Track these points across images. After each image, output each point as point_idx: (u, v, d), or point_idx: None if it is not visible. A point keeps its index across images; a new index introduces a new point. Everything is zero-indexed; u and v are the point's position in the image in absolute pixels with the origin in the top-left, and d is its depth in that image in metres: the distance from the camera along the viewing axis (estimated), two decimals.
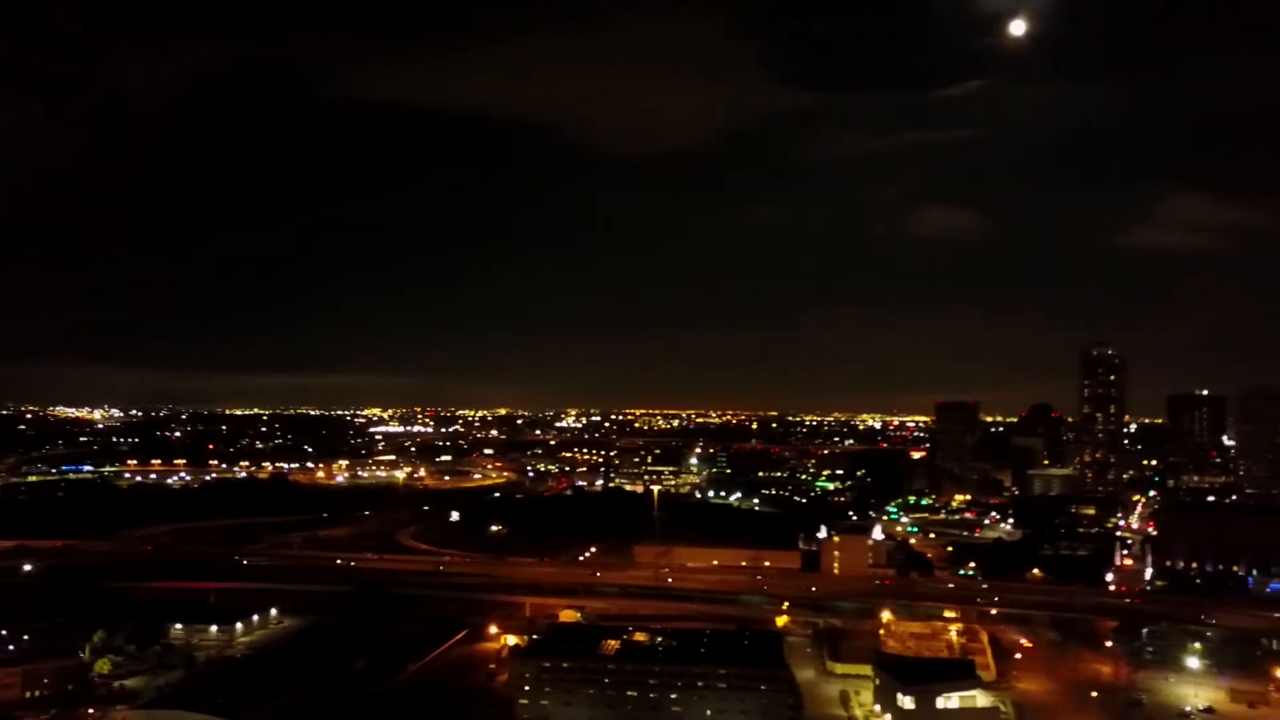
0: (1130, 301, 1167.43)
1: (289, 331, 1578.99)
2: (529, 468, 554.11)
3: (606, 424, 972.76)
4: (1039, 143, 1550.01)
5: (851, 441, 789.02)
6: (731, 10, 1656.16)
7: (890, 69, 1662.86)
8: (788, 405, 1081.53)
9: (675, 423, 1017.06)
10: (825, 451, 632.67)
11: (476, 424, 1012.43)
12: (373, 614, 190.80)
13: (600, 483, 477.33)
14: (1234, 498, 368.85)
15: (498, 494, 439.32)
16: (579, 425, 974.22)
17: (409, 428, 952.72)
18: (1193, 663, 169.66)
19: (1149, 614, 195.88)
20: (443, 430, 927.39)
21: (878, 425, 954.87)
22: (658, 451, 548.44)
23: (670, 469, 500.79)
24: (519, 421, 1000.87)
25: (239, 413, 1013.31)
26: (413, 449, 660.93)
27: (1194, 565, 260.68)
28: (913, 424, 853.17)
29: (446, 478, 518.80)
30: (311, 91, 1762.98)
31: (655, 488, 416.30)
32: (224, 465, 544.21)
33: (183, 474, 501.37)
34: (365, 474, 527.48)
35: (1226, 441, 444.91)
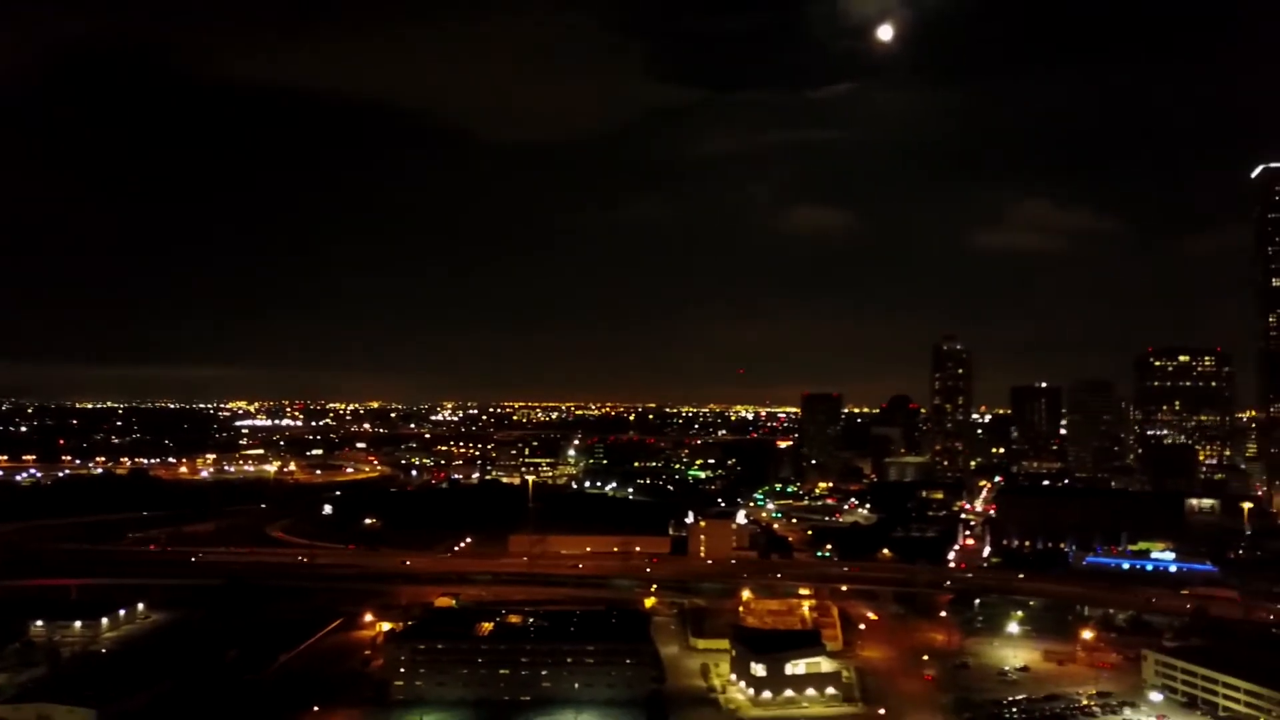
0: (983, 298, 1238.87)
1: (141, 322, 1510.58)
2: (403, 461, 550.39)
3: (484, 417, 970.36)
4: (903, 145, 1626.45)
5: (725, 432, 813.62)
6: (611, 5, 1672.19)
7: (765, 69, 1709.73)
8: (666, 397, 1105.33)
9: (555, 415, 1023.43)
10: (699, 442, 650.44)
11: (348, 417, 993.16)
12: (244, 607, 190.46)
13: (477, 475, 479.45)
14: (1065, 481, 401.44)
15: (371, 488, 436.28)
16: (455, 419, 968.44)
17: (277, 421, 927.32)
18: (1013, 629, 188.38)
19: (979, 587, 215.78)
20: (313, 424, 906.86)
21: (751, 416, 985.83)
22: (535, 444, 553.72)
23: (548, 461, 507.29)
24: (393, 415, 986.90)
25: (90, 406, 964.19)
26: (282, 443, 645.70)
27: (1027, 543, 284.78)
28: (784, 415, 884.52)
29: (318, 472, 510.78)
30: (184, 73, 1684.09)
31: (531, 478, 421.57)
32: (78, 461, 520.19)
33: (33, 470, 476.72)
34: (232, 469, 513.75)
35: (1064, 430, 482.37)
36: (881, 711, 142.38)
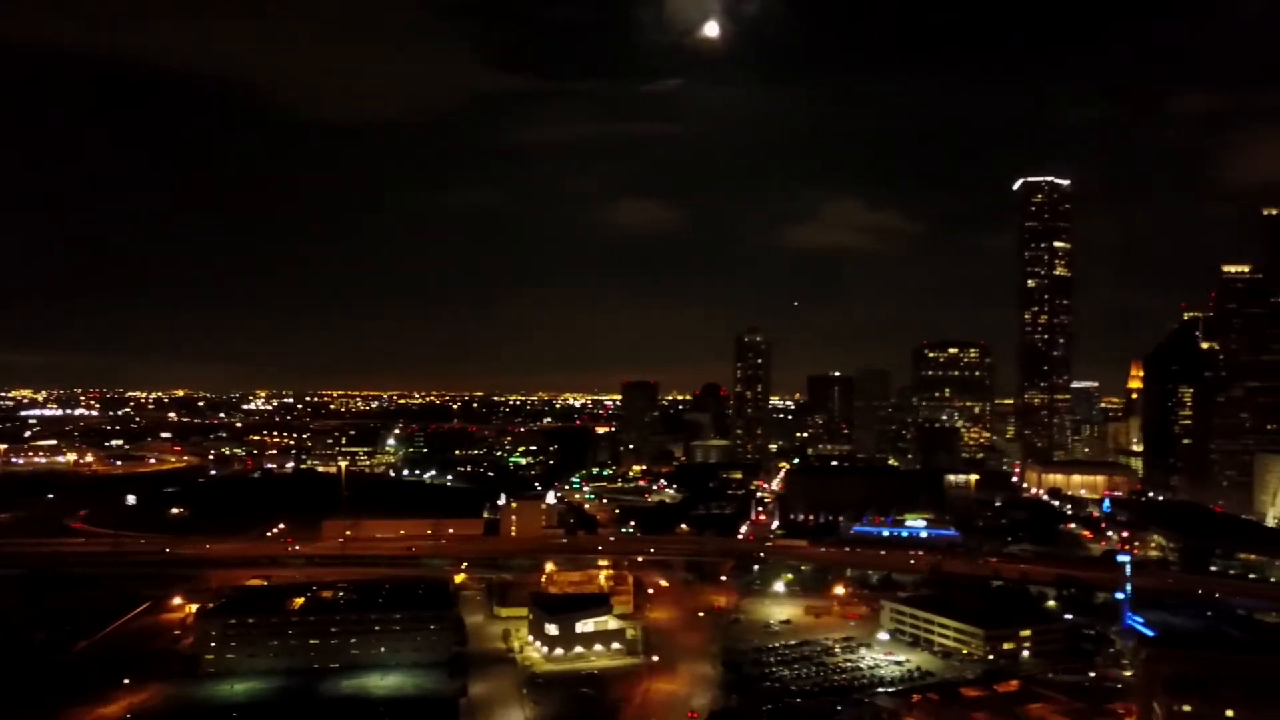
0: (796, 291, 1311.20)
1: None
2: (213, 452, 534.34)
3: (300, 406, 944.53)
4: (728, 142, 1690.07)
5: (550, 420, 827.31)
6: None
7: (595, 60, 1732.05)
8: (494, 386, 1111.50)
9: (375, 404, 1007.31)
10: (523, 430, 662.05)
11: (151, 406, 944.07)
12: (48, 594, 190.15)
13: (291, 465, 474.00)
14: (848, 462, 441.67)
15: (178, 478, 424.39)
16: (269, 408, 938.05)
17: (70, 410, 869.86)
18: (780, 588, 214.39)
19: (757, 555, 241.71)
20: (111, 413, 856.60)
21: (578, 404, 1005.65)
22: (353, 433, 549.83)
23: (366, 450, 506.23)
24: (201, 404, 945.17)
25: None
26: (76, 433, 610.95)
27: (811, 516, 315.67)
28: (610, 402, 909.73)
29: (118, 463, 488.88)
30: None
31: (343, 463, 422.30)
32: None
33: None
34: (20, 460, 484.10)
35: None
36: (655, 659, 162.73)
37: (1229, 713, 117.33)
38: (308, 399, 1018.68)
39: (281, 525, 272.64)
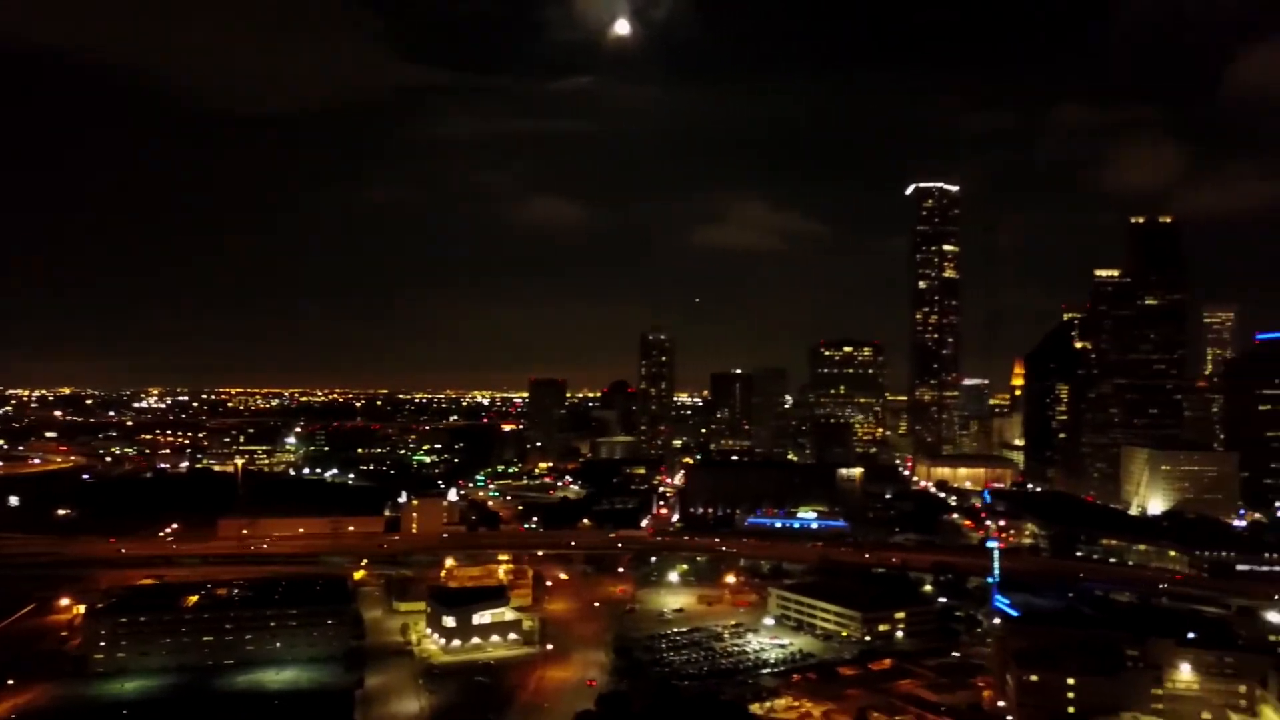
0: (703, 290, 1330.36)
1: None
2: (102, 451, 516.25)
3: (196, 404, 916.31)
4: (639, 141, 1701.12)
5: (456, 418, 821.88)
6: None
7: (510, 56, 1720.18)
8: (400, 384, 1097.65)
9: (275, 402, 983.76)
10: (428, 428, 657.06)
11: (33, 404, 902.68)
12: None
13: (186, 464, 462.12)
14: (748, 458, 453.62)
15: (65, 478, 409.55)
16: (163, 406, 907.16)
17: None
18: (674, 578, 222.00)
19: (655, 547, 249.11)
20: None
21: (486, 401, 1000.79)
22: (251, 431, 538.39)
23: (265, 448, 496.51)
24: (89, 402, 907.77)
25: None
26: None
27: (710, 510, 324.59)
28: (519, 400, 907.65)
29: None
30: None
31: (240, 461, 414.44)
32: None
33: None
34: None
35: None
36: (549, 647, 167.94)
37: (1070, 680, 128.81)
38: (204, 397, 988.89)
39: (175, 525, 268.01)
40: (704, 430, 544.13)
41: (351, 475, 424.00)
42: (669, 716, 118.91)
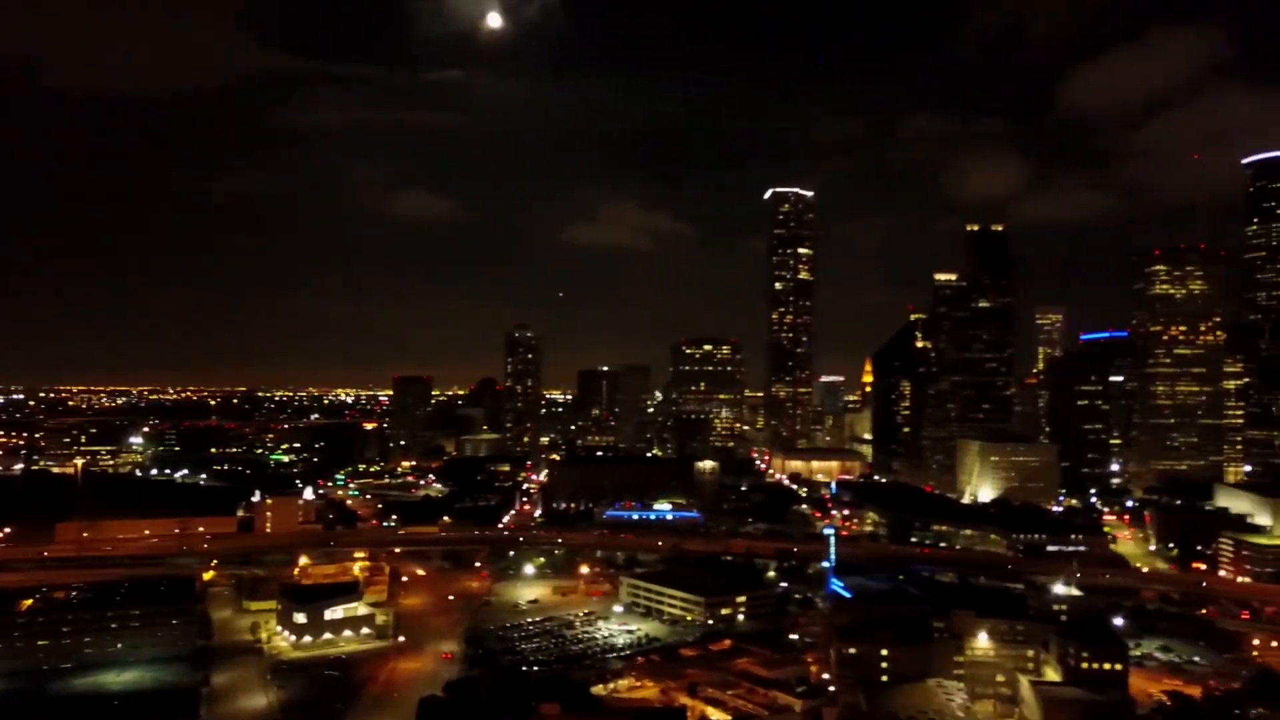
0: (573, 287, 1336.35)
1: None
2: None
3: (33, 403, 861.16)
4: (510, 137, 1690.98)
5: (318, 416, 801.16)
6: None
7: (377, 45, 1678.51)
8: (259, 381, 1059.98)
9: (123, 400, 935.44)
10: (288, 426, 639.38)
11: None
12: None
13: (20, 466, 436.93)
14: (612, 453, 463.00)
15: None
16: None
17: None
18: (530, 571, 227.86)
19: (513, 541, 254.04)
20: None
21: (351, 399, 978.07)
22: (94, 430, 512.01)
23: (109, 448, 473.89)
24: None
25: None
26: None
27: (572, 505, 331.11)
28: (385, 397, 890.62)
29: None
30: None
31: (79, 461, 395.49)
32: None
33: None
34: None
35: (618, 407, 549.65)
36: (401, 639, 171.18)
37: (883, 651, 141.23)
38: (43, 395, 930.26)
39: (7, 530, 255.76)
40: (573, 427, 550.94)
41: (204, 476, 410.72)
42: (513, 698, 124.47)
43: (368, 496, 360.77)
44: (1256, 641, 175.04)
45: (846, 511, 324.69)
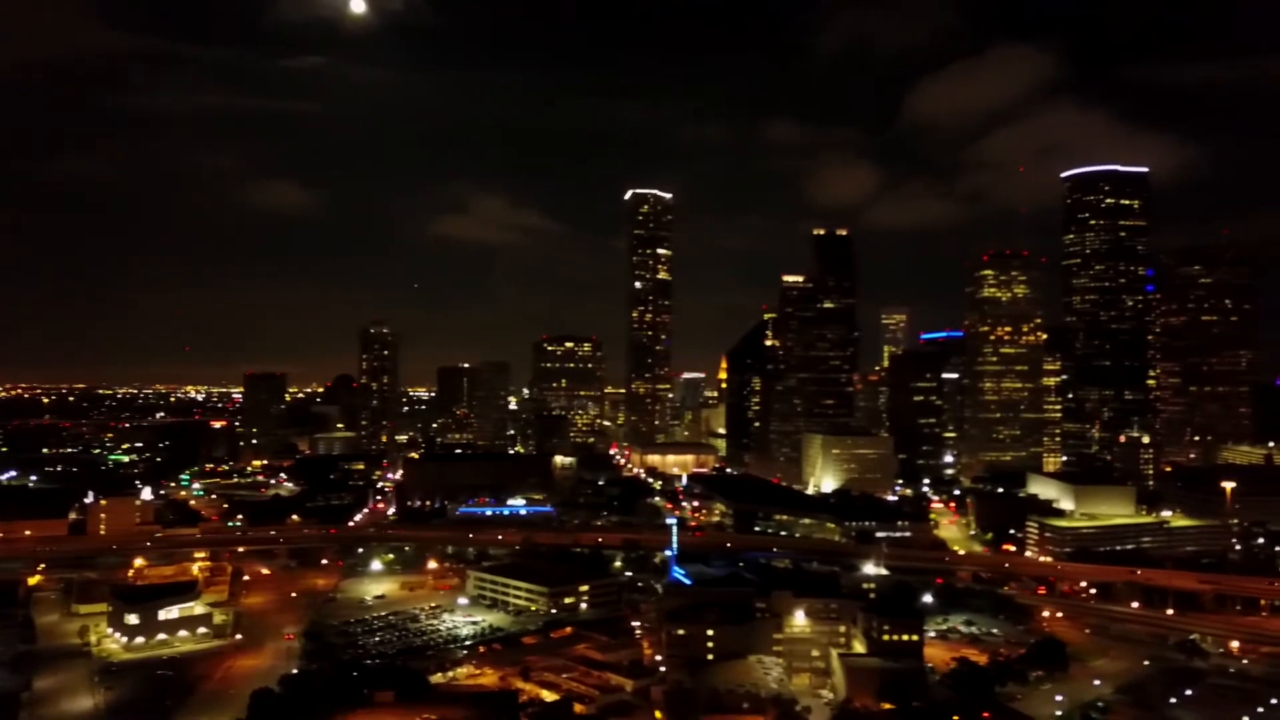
0: (440, 282, 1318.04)
1: None
2: None
3: None
4: (374, 128, 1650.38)
5: (164, 414, 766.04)
6: None
7: (233, 27, 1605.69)
8: (101, 377, 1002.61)
9: None
10: (129, 425, 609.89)
11: None
12: None
13: None
14: (471, 450, 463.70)
15: None
16: None
17: None
18: (378, 567, 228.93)
19: (363, 539, 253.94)
20: None
21: (201, 396, 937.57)
22: None
23: None
24: None
25: None
26: None
27: (428, 502, 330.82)
28: (238, 395, 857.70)
29: None
30: None
31: None
32: None
33: None
34: None
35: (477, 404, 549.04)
36: (239, 636, 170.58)
37: (709, 632, 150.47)
38: None
39: None
40: (435, 424, 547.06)
41: (34, 477, 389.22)
42: (346, 689, 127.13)
43: (213, 496, 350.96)
44: (1046, 614, 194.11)
45: (696, 503, 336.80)
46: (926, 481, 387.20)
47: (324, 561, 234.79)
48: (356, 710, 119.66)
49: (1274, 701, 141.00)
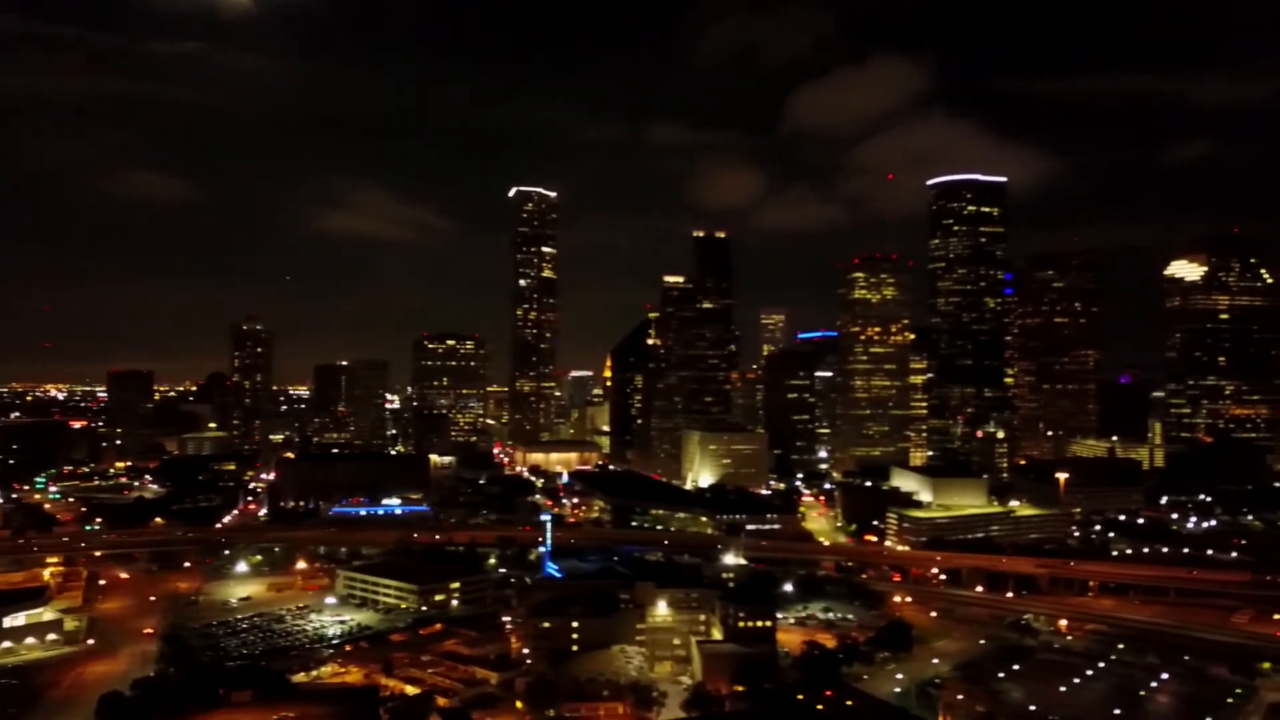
0: (321, 278, 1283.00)
1: None
2: None
3: None
4: (257, 118, 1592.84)
5: (18, 414, 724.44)
6: None
7: (101, 6, 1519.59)
8: None
9: None
10: None
11: None
12: None
13: None
14: (348, 450, 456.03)
15: None
16: None
17: None
18: (245, 568, 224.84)
19: (229, 541, 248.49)
20: None
21: (62, 395, 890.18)
22: None
23: None
24: None
25: None
26: None
27: (301, 503, 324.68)
28: (104, 393, 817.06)
29: None
30: None
31: None
32: None
33: None
34: None
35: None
36: (90, 642, 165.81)
37: (574, 624, 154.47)
38: None
39: None
40: (314, 423, 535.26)
41: None
42: (202, 690, 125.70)
43: (71, 499, 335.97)
44: (897, 599, 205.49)
45: (576, 500, 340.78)
46: (800, 476, 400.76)
47: (187, 565, 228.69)
48: (212, 711, 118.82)
49: (1089, 673, 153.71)
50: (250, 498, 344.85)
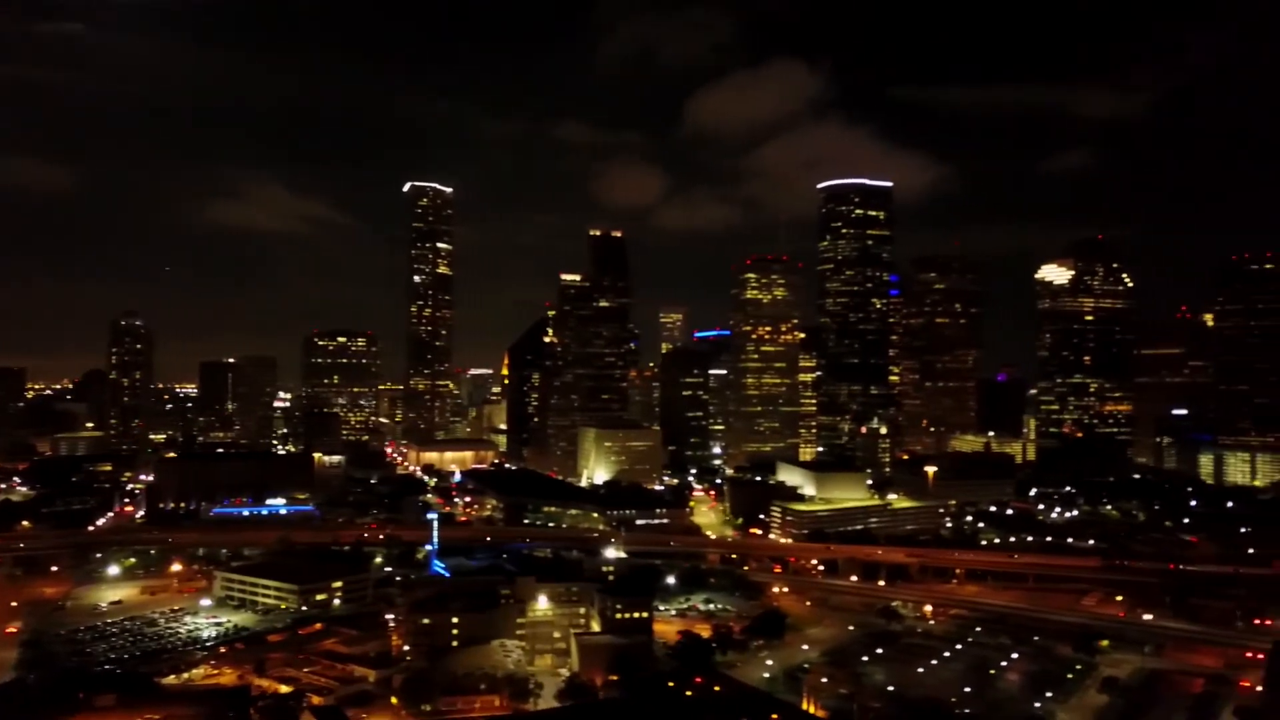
0: (212, 271, 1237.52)
1: None
2: None
3: None
4: (142, 105, 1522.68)
5: None
6: None
7: None
8: None
9: None
10: None
11: None
12: None
13: None
14: (233, 449, 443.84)
15: None
16: None
17: None
18: (116, 571, 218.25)
19: (101, 544, 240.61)
20: None
21: None
22: None
23: None
24: None
25: None
26: None
27: (181, 504, 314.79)
28: None
29: None
30: None
31: None
32: None
33: None
34: None
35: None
36: None
37: (454, 620, 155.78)
38: None
39: None
40: (200, 421, 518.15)
41: None
42: (63, 695, 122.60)
43: None
44: (776, 589, 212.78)
45: (469, 499, 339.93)
46: (693, 471, 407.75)
47: (55, 569, 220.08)
48: (71, 715, 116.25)
49: (947, 654, 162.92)
50: (128, 499, 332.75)
